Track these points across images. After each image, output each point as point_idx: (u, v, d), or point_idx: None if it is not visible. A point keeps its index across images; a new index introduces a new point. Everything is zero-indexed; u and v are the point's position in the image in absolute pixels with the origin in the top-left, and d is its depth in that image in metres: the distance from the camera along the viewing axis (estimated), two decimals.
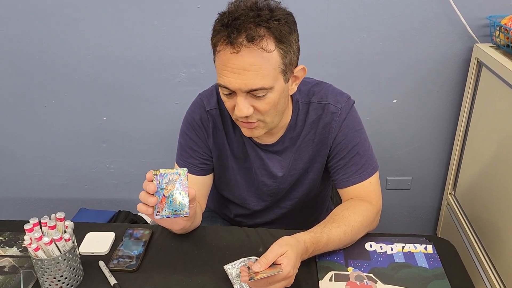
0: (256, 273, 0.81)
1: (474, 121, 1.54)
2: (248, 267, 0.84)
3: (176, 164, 1.13)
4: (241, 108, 0.90)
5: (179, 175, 0.85)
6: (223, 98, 0.95)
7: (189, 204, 0.86)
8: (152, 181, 0.85)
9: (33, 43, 1.61)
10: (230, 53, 0.86)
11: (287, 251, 0.83)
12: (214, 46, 0.91)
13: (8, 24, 1.59)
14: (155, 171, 0.85)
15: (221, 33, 0.87)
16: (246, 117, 0.92)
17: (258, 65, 0.86)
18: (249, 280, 0.81)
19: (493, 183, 1.38)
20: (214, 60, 0.93)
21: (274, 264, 0.84)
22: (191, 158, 1.09)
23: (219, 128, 1.08)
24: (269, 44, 0.86)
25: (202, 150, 1.09)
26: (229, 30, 0.85)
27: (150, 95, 1.70)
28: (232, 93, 0.91)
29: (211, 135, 1.08)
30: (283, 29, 0.87)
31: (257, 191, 1.15)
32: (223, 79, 0.89)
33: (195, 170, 1.10)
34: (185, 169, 0.86)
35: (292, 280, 0.85)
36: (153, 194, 0.85)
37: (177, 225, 0.97)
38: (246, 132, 0.99)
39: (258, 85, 0.88)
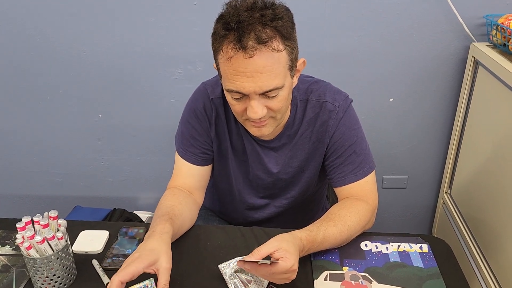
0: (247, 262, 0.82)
1: (470, 120, 1.54)
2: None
3: (176, 154, 1.12)
4: (256, 111, 0.89)
5: (147, 287, 0.83)
6: (232, 102, 0.93)
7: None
8: None
9: (27, 39, 1.60)
10: (243, 58, 0.84)
11: (286, 246, 0.83)
12: (219, 50, 0.87)
13: (2, 20, 1.57)
14: None
15: (228, 38, 0.84)
16: (259, 118, 0.91)
17: (270, 66, 0.85)
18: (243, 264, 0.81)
19: (489, 182, 1.39)
20: (218, 65, 0.91)
21: (271, 260, 0.83)
22: (192, 147, 1.09)
23: (221, 118, 1.07)
24: (278, 43, 0.85)
25: (203, 139, 1.09)
26: (237, 34, 0.83)
27: (147, 92, 1.69)
28: (242, 97, 0.90)
29: (213, 124, 1.08)
30: (287, 26, 0.86)
31: (251, 183, 1.15)
32: (235, 84, 0.87)
33: (195, 159, 1.09)
34: (151, 279, 0.83)
35: (294, 276, 0.83)
36: None
37: None
38: (255, 131, 0.97)
39: (272, 86, 0.87)
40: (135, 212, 1.81)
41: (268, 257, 0.83)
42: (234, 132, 1.08)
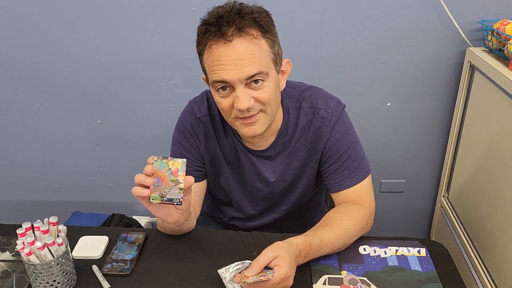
0: (248, 277, 0.82)
1: (467, 124, 1.55)
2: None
3: None
4: (242, 100, 0.89)
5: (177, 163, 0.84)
6: (218, 99, 0.94)
7: (184, 196, 0.85)
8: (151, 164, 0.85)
9: (27, 45, 1.60)
10: (223, 44, 0.87)
11: (280, 254, 0.84)
12: (202, 46, 0.91)
13: (1, 26, 1.58)
14: (153, 158, 0.85)
15: (209, 31, 0.88)
16: (248, 110, 0.91)
17: (252, 52, 0.88)
18: (241, 282, 0.82)
19: (486, 185, 1.39)
20: (203, 67, 0.93)
21: (268, 268, 0.84)
22: None
23: (211, 134, 1.08)
24: (257, 31, 0.89)
25: (194, 157, 1.09)
26: (217, 26, 0.87)
27: (145, 98, 1.70)
28: (228, 90, 0.91)
29: (203, 142, 1.09)
30: (266, 20, 0.90)
31: (250, 195, 1.15)
32: (219, 73, 0.89)
33: None
34: (184, 159, 0.85)
35: (290, 282, 0.85)
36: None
37: (171, 217, 0.91)
38: (247, 131, 0.96)
39: (255, 70, 0.88)
40: (133, 217, 1.82)
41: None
42: (227, 146, 1.09)
